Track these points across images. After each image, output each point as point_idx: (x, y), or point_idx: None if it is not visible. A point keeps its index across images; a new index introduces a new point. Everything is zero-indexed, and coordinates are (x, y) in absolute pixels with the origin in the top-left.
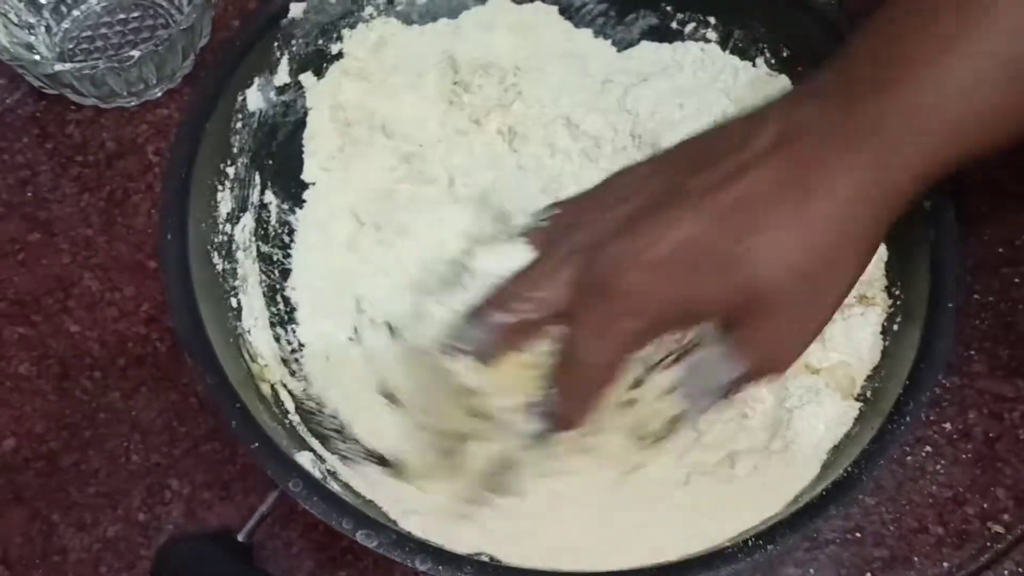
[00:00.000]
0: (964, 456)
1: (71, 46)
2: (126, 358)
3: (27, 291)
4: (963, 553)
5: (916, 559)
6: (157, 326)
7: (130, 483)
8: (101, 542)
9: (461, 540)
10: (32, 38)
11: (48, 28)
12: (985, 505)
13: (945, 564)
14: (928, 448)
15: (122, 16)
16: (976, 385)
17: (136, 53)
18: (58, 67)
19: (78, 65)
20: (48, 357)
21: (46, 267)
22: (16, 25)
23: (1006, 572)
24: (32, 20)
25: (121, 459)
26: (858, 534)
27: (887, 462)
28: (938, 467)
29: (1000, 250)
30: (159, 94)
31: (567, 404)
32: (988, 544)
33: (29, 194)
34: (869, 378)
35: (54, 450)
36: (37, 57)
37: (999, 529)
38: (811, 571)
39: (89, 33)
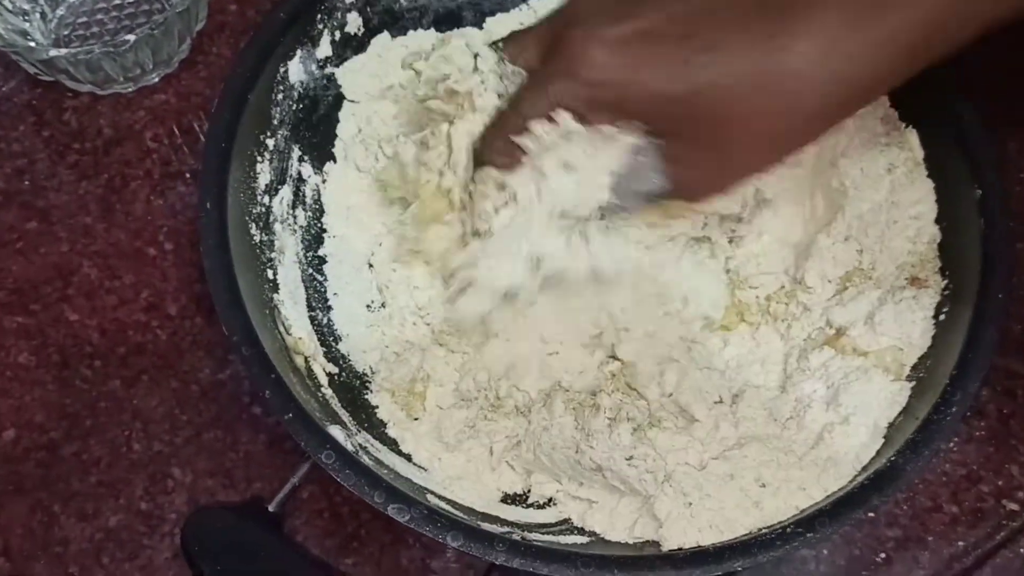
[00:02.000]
0: (978, 434)
1: (66, 32)
2: (126, 346)
3: (26, 280)
4: (978, 531)
5: (930, 538)
6: (157, 313)
7: (132, 472)
8: (103, 532)
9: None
10: (27, 24)
11: (43, 14)
12: (1000, 483)
13: (960, 543)
14: None
15: (117, 1)
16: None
17: (131, 37)
18: (53, 52)
19: (73, 51)
20: (48, 346)
21: (44, 256)
22: (10, 12)
23: (1023, 550)
24: (27, 6)
25: (122, 448)
26: (871, 514)
27: (932, 454)
28: (951, 445)
29: (1011, 224)
30: (156, 80)
31: (484, 144)
32: (1003, 522)
33: (26, 182)
34: (917, 365)
35: (55, 440)
36: (32, 43)
37: (1014, 507)
38: (824, 552)
39: (84, 19)
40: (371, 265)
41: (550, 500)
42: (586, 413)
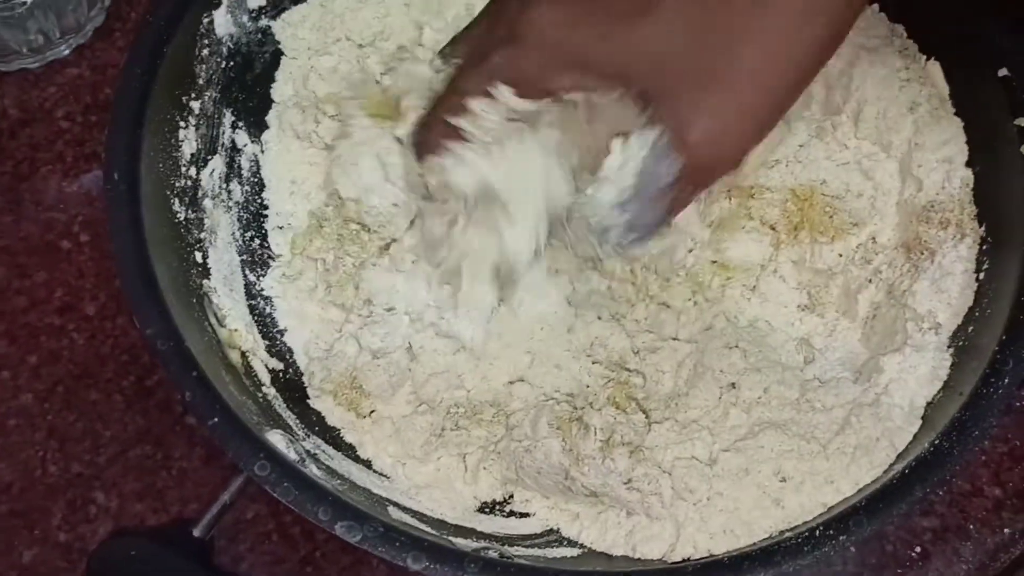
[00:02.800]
0: (1018, 404)
1: None
2: (38, 354)
3: None
4: None
5: (972, 527)
6: (73, 315)
7: (48, 499)
8: (16, 569)
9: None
10: None
11: None
12: None
13: (1006, 531)
14: None
15: None
16: None
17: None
18: None
19: None
20: None
21: None
22: None
23: None
24: None
25: (36, 471)
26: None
27: (982, 435)
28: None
29: None
30: (66, 52)
31: (420, 132)
32: None
33: None
34: (957, 330)
35: None
36: None
37: None
38: (851, 548)
39: None
40: None
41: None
42: (574, 432)
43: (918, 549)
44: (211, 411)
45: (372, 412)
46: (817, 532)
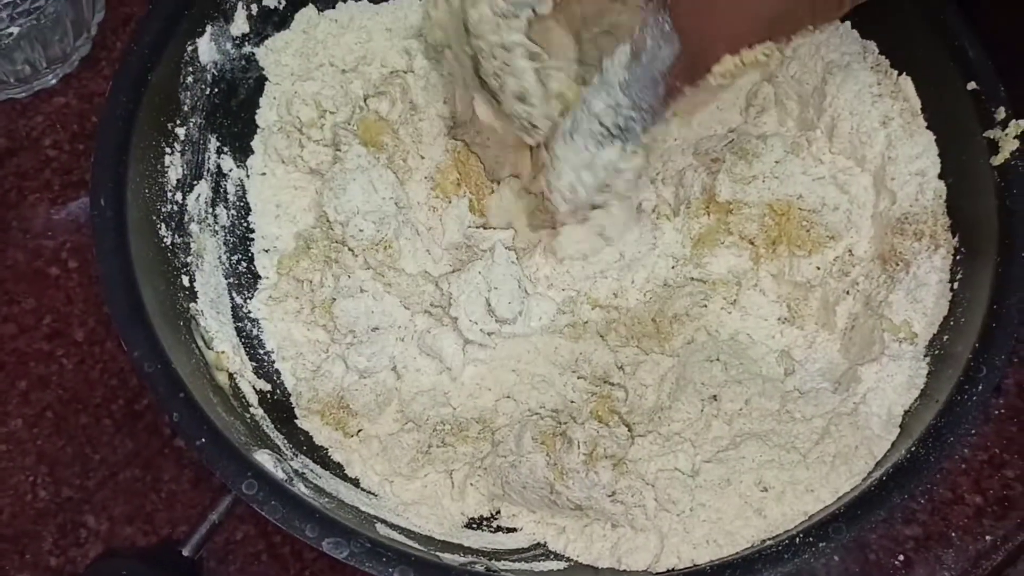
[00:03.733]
0: (997, 412)
1: None
2: (27, 380)
3: None
4: (1007, 523)
5: (954, 535)
6: (62, 340)
7: (38, 523)
8: None
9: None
10: None
11: None
12: None
13: (988, 537)
14: None
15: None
16: None
17: (15, 30)
18: None
19: None
20: None
21: None
22: None
23: None
24: None
25: (27, 496)
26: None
27: (957, 441)
28: None
29: None
30: (53, 81)
31: None
32: None
33: None
34: (933, 339)
35: None
36: None
37: None
38: (834, 557)
39: None
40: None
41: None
42: (558, 447)
43: (901, 557)
44: (199, 432)
45: (359, 431)
46: (797, 540)
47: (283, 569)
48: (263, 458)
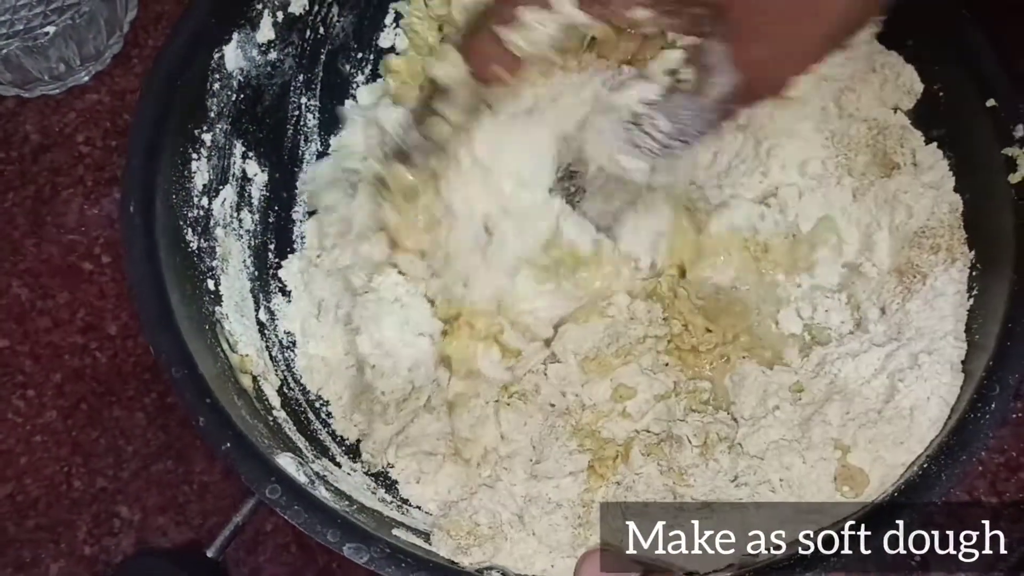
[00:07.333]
0: (1015, 416)
1: None
2: (62, 373)
3: None
4: (1023, 526)
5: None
6: (96, 334)
7: (73, 513)
8: None
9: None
10: None
11: None
12: None
13: (1004, 539)
14: None
15: None
16: None
17: (51, 29)
18: None
19: None
20: None
21: None
22: None
23: None
24: None
25: (62, 486)
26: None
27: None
28: None
29: None
30: (86, 78)
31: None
32: None
33: None
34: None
35: None
36: None
37: None
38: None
39: (7, 17)
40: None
41: None
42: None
43: (917, 558)
44: (224, 436)
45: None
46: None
47: (311, 560)
48: (285, 461)
